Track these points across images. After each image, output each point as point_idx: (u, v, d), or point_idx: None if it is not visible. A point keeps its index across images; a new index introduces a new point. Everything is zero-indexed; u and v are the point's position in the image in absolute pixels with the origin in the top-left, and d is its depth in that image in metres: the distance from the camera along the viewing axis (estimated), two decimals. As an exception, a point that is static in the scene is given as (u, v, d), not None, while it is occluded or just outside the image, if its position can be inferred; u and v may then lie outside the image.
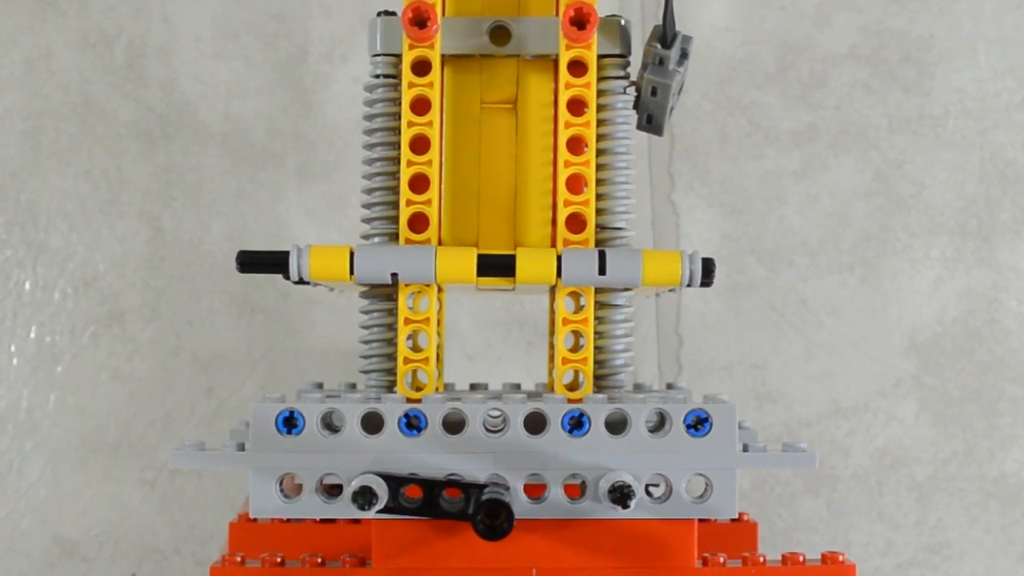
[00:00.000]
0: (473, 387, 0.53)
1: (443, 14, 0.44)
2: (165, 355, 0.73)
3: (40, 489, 0.72)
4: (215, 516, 0.72)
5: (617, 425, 0.41)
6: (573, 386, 0.45)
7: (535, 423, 0.41)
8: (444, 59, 0.45)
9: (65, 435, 0.72)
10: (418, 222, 0.44)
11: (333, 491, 0.41)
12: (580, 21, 0.43)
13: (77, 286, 0.73)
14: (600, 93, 0.44)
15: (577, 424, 0.41)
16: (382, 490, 0.39)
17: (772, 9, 0.75)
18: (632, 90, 0.46)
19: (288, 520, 0.46)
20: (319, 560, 0.43)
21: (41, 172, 0.73)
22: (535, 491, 0.41)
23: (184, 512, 0.72)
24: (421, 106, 0.44)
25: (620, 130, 0.45)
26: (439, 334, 0.46)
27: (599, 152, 0.45)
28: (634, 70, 0.46)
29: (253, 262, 0.43)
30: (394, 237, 0.44)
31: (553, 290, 0.45)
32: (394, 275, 0.43)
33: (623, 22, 0.45)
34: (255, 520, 0.46)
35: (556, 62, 0.45)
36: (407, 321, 0.44)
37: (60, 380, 0.72)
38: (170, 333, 0.73)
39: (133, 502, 0.72)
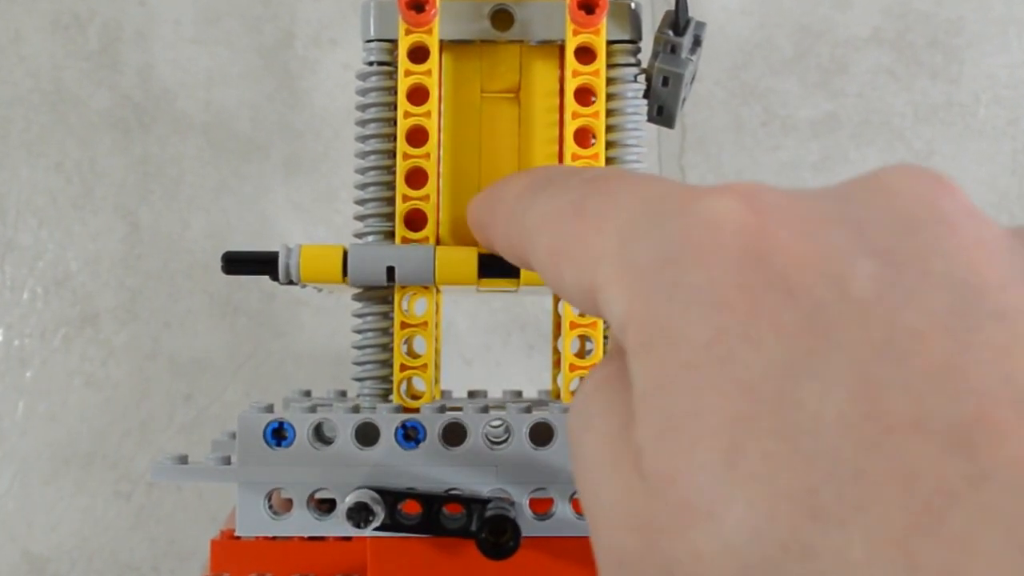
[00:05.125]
0: (471, 394, 0.53)
1: (442, -3, 0.44)
2: (141, 359, 0.73)
3: (8, 502, 0.72)
4: (196, 531, 0.72)
5: (628, 436, 0.41)
6: (580, 394, 0.44)
7: (541, 434, 0.41)
8: (443, 45, 0.44)
9: (35, 445, 0.72)
10: (415, 219, 0.44)
11: (323, 506, 0.41)
12: (589, 5, 0.43)
13: (48, 286, 0.73)
14: (609, 81, 0.44)
15: (585, 435, 0.41)
16: (379, 506, 0.39)
17: (790, -10, 0.75)
18: (642, 79, 0.45)
19: (274, 537, 0.46)
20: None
21: (10, 164, 0.73)
22: (541, 506, 0.41)
23: (162, 527, 0.72)
24: (418, 95, 0.44)
25: (630, 121, 0.45)
26: (436, 338, 0.46)
27: (608, 144, 0.44)
28: (643, 57, 0.46)
29: (239, 262, 0.43)
30: (389, 235, 0.44)
31: (559, 292, 0.45)
32: (390, 276, 0.43)
33: (633, 5, 0.45)
34: (238, 537, 0.46)
35: (562, 48, 0.44)
36: (403, 325, 0.44)
37: (29, 386, 0.72)
38: (147, 336, 0.73)
39: (107, 516, 0.72)
